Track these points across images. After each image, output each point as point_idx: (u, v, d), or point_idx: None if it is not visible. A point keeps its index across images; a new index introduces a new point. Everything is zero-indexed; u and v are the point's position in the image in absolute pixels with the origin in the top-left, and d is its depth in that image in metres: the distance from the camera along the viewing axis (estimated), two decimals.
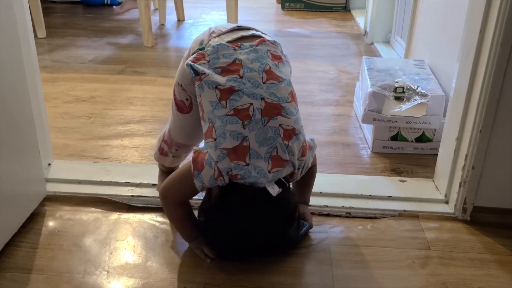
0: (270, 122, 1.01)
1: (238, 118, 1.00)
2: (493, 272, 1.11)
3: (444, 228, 1.26)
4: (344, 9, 3.98)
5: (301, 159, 1.04)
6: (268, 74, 1.06)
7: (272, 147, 1.00)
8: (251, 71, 1.05)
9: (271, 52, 1.10)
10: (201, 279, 1.07)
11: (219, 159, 0.99)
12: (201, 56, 1.08)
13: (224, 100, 1.02)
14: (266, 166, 0.99)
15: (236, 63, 1.06)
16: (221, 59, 1.06)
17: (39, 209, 1.28)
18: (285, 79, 1.08)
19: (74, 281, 1.06)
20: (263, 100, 1.02)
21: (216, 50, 1.07)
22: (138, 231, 1.23)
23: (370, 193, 1.37)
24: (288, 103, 1.05)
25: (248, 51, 1.08)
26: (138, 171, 1.45)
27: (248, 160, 0.99)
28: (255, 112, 1.01)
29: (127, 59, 2.64)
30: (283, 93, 1.05)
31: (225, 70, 1.05)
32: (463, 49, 1.25)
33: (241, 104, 1.01)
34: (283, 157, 1.00)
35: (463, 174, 1.27)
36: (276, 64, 1.09)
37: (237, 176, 0.99)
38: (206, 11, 3.88)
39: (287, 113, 1.03)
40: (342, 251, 1.16)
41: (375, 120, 1.62)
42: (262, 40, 1.11)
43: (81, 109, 1.96)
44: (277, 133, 1.00)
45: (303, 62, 2.67)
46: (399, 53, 2.64)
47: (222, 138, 1.00)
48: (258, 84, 1.03)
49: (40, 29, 2.96)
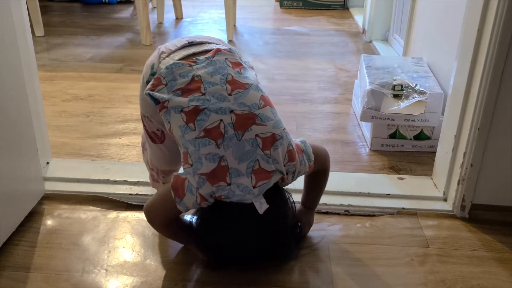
0: (245, 135, 0.94)
1: (210, 139, 0.93)
2: (492, 269, 1.11)
3: (443, 225, 1.26)
4: (343, 7, 3.97)
5: (289, 165, 0.98)
6: (232, 84, 0.99)
7: (252, 160, 0.93)
8: (213, 85, 0.98)
9: (229, 61, 1.04)
10: (200, 277, 1.07)
11: (199, 185, 0.93)
12: (157, 81, 1.00)
13: (192, 122, 0.95)
14: (250, 181, 0.92)
15: (195, 79, 0.99)
16: (178, 80, 0.99)
17: (37, 208, 1.28)
18: (252, 84, 1.01)
19: (73, 279, 1.06)
20: (232, 113, 0.95)
21: (171, 71, 1.00)
22: (136, 229, 1.22)
23: (368, 191, 1.37)
24: (261, 109, 0.98)
25: (205, 64, 1.01)
26: (137, 170, 1.45)
27: (229, 180, 0.92)
28: (227, 128, 0.94)
29: (125, 57, 2.64)
30: (253, 99, 0.98)
31: (185, 90, 0.98)
32: (462, 47, 1.25)
33: (210, 123, 0.94)
34: (268, 169, 0.94)
35: (462, 172, 1.27)
36: (238, 72, 1.02)
37: (221, 197, 0.94)
38: (204, 9, 3.88)
39: (262, 120, 0.96)
40: (340, 248, 1.17)
41: (374, 118, 1.62)
42: (217, 50, 1.04)
43: (79, 108, 1.96)
44: (255, 145, 0.94)
45: (301, 60, 2.67)
46: (398, 51, 2.64)
47: (199, 164, 0.93)
48: (223, 98, 0.96)
49: (38, 27, 2.96)
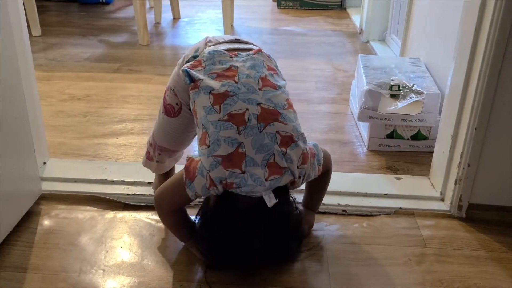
0: (266, 128, 0.96)
1: (233, 124, 0.96)
2: (489, 269, 1.12)
3: (440, 225, 1.27)
4: (340, 7, 3.98)
5: (302, 167, 0.99)
6: (264, 81, 1.03)
7: (269, 154, 0.95)
8: (247, 77, 1.02)
9: (266, 63, 1.08)
10: (197, 278, 1.07)
11: (211, 168, 0.95)
12: (197, 63, 1.06)
13: (218, 104, 0.99)
14: (263, 173, 0.94)
15: (232, 69, 1.03)
16: (216, 65, 1.04)
17: (34, 208, 1.28)
18: (281, 87, 1.05)
19: (70, 280, 1.05)
20: (259, 106, 0.99)
21: (212, 56, 1.05)
22: (134, 229, 1.22)
23: (366, 191, 1.37)
24: (285, 110, 1.01)
25: (245, 59, 1.06)
26: (134, 170, 1.45)
27: (244, 167, 0.94)
28: (250, 118, 0.97)
29: (122, 57, 2.63)
30: (280, 100, 1.02)
31: (220, 75, 1.02)
32: (459, 47, 1.25)
33: (235, 109, 0.98)
34: (281, 164, 0.95)
35: (459, 172, 1.27)
36: (271, 74, 1.07)
37: (233, 185, 0.95)
38: (202, 9, 3.88)
39: (284, 119, 0.99)
40: (338, 248, 1.17)
41: (371, 118, 1.62)
42: (259, 50, 1.10)
43: (76, 108, 1.95)
44: (274, 140, 0.96)
45: (299, 60, 2.67)
46: (395, 51, 2.65)
47: (217, 145, 0.95)
48: (253, 90, 1.00)
49: (35, 27, 2.95)
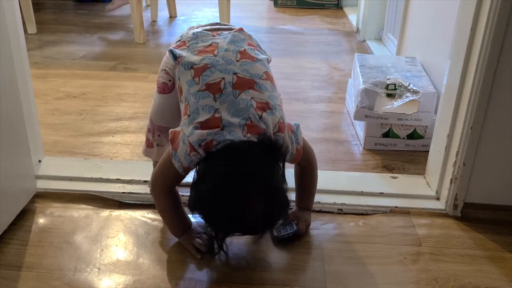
0: (241, 95, 1.01)
1: (210, 92, 1.02)
2: (484, 267, 1.12)
3: (435, 224, 1.27)
4: (337, 6, 3.98)
5: (278, 134, 1.01)
6: (242, 54, 1.09)
7: (245, 118, 0.98)
8: (225, 50, 1.09)
9: (247, 41, 1.15)
10: (193, 276, 1.07)
11: (190, 133, 0.98)
12: (182, 43, 1.15)
13: (197, 77, 1.05)
14: (241, 131, 0.97)
15: (213, 45, 1.11)
16: (199, 44, 1.12)
17: (29, 206, 1.27)
18: (260, 60, 1.10)
19: (65, 278, 1.05)
20: (235, 75, 1.04)
21: (196, 36, 1.14)
22: (129, 228, 1.22)
23: (362, 190, 1.37)
24: (262, 80, 1.06)
25: (226, 36, 1.14)
26: (130, 168, 1.45)
27: (222, 127, 0.97)
28: (226, 86, 1.02)
29: (118, 55, 2.62)
30: (257, 70, 1.07)
31: (201, 51, 1.10)
32: (455, 46, 1.25)
33: (212, 79, 1.03)
34: (260, 126, 0.98)
35: (454, 171, 1.27)
36: (252, 49, 1.13)
37: (212, 142, 0.96)
38: (198, 7, 3.87)
39: (260, 88, 1.04)
40: (333, 247, 1.17)
41: (367, 117, 1.63)
42: (240, 29, 1.18)
43: (72, 106, 1.94)
44: (249, 105, 1.00)
45: (295, 59, 2.67)
46: (391, 50, 2.65)
47: (196, 114, 1.00)
48: (231, 62, 1.06)
49: (31, 25, 2.94)
